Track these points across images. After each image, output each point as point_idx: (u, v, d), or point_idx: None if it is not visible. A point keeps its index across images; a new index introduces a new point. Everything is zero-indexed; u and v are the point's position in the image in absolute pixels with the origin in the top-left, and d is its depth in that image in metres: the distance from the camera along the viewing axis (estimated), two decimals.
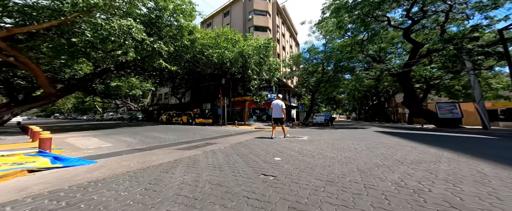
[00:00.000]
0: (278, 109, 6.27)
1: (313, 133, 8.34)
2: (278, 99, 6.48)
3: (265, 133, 8.83)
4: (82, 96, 36.67)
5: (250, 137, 6.69)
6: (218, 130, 10.24)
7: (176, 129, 10.56)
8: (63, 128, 11.42)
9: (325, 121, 13.88)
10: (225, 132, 9.01)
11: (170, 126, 12.40)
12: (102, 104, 46.31)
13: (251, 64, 14.30)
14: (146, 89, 28.91)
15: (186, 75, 19.93)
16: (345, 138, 6.37)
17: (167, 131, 9.12)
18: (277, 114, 6.30)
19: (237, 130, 10.37)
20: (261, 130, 10.58)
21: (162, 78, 18.94)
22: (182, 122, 15.05)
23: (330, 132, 9.06)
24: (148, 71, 15.92)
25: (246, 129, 11.65)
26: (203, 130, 10.02)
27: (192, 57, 17.35)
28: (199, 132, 9.04)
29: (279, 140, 5.81)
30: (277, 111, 6.27)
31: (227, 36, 15.61)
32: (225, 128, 12.00)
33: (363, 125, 16.06)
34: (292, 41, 34.61)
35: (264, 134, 8.21)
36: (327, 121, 13.35)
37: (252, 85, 15.45)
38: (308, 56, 18.49)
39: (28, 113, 59.98)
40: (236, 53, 14.24)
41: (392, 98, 24.72)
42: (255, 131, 9.70)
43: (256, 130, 10.98)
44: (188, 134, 8.15)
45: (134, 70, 14.78)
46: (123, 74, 16.65)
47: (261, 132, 9.43)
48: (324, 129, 10.87)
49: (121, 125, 15.16)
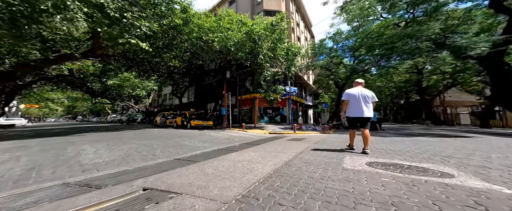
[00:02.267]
0: (360, 102, 3.52)
1: (392, 144, 4.71)
2: (358, 86, 3.74)
3: (299, 143, 5.34)
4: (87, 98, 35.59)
5: (280, 161, 3.25)
6: (215, 138, 6.94)
7: (153, 135, 7.42)
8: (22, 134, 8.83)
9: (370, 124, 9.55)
10: (224, 141, 5.69)
11: (153, 131, 9.32)
12: (111, 107, 45.73)
13: (262, 48, 10.92)
14: (149, 89, 26.84)
15: (185, 69, 17.03)
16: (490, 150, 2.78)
17: (129, 141, 5.95)
18: (362, 112, 3.49)
19: (245, 137, 7.02)
20: (281, 137, 7.10)
21: (159, 73, 16.20)
22: (176, 124, 12.02)
23: (417, 142, 5.38)
24: (135, 61, 13.12)
25: (257, 134, 8.27)
26: (193, 138, 6.77)
27: (191, 45, 14.44)
28: (182, 142, 5.78)
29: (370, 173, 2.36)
30: (360, 105, 3.51)
31: (231, 19, 12.43)
32: (228, 133, 8.70)
33: (423, 129, 11.83)
34: (307, 32, 30.83)
35: (300, 146, 4.75)
36: (374, 124, 9.39)
37: (264, 77, 11.96)
38: (330, 44, 14.79)
39: (52, 115, 61.78)
40: (243, 35, 10.96)
41: (438, 96, 19.91)
42: (271, 138, 6.29)
43: (272, 135, 7.55)
44: (157, 146, 4.93)
45: (115, 59, 12.07)
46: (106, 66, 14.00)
47: (284, 141, 5.97)
48: (384, 135, 7.17)
49: (100, 128, 12.45)
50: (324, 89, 22.25)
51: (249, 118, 18.14)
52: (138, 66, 14.70)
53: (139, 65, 14.49)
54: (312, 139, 6.26)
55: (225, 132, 9.26)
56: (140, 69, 15.49)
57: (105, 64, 13.73)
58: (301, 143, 5.11)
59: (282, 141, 5.76)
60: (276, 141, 5.80)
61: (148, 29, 7.72)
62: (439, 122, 17.79)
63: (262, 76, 13.33)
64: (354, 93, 3.56)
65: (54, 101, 37.49)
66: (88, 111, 60.61)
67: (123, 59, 12.38)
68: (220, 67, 15.39)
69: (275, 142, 5.41)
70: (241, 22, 11.93)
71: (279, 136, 7.54)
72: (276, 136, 7.56)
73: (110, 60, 12.40)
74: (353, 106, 3.54)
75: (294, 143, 5.24)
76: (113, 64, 13.57)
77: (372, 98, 3.60)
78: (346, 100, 3.65)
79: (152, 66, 14.45)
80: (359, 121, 3.57)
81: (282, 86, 10.73)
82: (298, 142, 5.43)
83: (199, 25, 11.73)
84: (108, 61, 12.68)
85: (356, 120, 3.60)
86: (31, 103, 36.16)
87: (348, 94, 3.64)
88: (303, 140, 5.94)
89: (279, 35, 11.71)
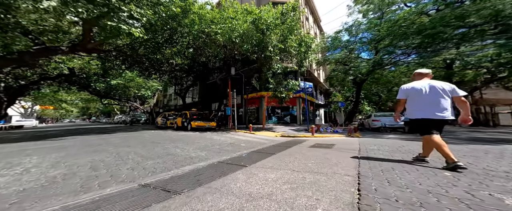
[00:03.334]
0: (431, 98, 2.42)
1: (493, 159, 3.27)
2: (424, 79, 2.67)
3: (333, 153, 4.00)
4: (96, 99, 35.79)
5: None
6: (217, 142, 5.71)
7: (142, 140, 6.31)
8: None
9: (401, 126, 7.95)
10: (228, 148, 4.43)
11: (147, 134, 8.24)
12: (120, 107, 46.20)
13: (271, 39, 9.60)
14: (153, 89, 26.34)
15: (187, 66, 16.02)
16: None
17: (105, 148, 4.86)
18: (434, 112, 2.38)
19: (254, 141, 5.72)
20: (298, 142, 5.76)
21: (161, 71, 15.27)
22: (176, 126, 10.92)
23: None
24: (133, 58, 12.19)
25: (267, 137, 6.95)
26: (190, 143, 5.58)
27: (192, 39, 13.39)
28: (173, 149, 4.59)
29: None
30: (432, 102, 2.41)
31: (236, 10, 11.22)
32: (233, 136, 7.45)
33: (470, 131, 9.91)
34: (316, 28, 29.18)
35: (341, 158, 3.40)
36: (406, 125, 7.62)
37: (274, 72, 10.56)
38: (346, 37, 13.17)
39: (68, 116, 63.57)
40: (249, 25, 9.71)
41: (471, 93, 17.54)
42: (287, 144, 4.95)
43: (285, 139, 6.20)
44: (133, 157, 3.75)
45: (112, 56, 11.18)
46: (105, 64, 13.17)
47: (306, 148, 4.62)
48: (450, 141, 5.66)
49: (95, 130, 11.60)
50: (338, 87, 20.49)
51: (255, 118, 16.85)
52: (137, 64, 13.82)
53: (139, 63, 13.61)
54: (343, 144, 4.86)
55: (229, 135, 8.03)
56: (141, 67, 14.64)
57: (104, 62, 12.92)
58: (336, 152, 3.75)
59: (303, 148, 4.41)
60: (294, 147, 4.46)
61: (140, 15, 6.63)
62: (475, 123, 15.60)
63: (270, 72, 12.00)
64: (418, 88, 2.53)
65: (67, 103, 38.30)
66: (99, 112, 61.96)
67: (120, 54, 11.47)
68: (224, 63, 14.24)
69: (296, 150, 4.08)
70: (246, 11, 10.66)
71: (296, 140, 6.18)
72: (291, 140, 6.20)
73: (107, 56, 11.53)
74: (419, 103, 2.50)
75: (324, 151, 3.88)
76: (111, 61, 12.73)
77: (452, 92, 2.35)
78: (402, 99, 2.71)
79: (152, 63, 13.51)
80: (431, 124, 2.38)
81: (295, 81, 9.28)
82: (328, 150, 4.07)
83: (200, 15, 10.59)
84: (104, 57, 11.83)
85: (427, 123, 2.40)
86: (45, 105, 37.39)
87: (407, 90, 2.63)
88: (333, 146, 4.56)
89: (290, 25, 10.34)
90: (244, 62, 14.05)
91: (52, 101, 34.21)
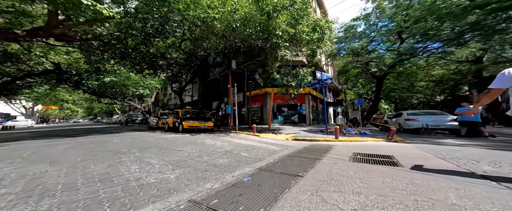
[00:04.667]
0: None
1: None
2: None
3: (417, 176, 2.22)
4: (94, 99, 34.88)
5: None
6: (208, 151, 4.11)
7: (108, 147, 4.79)
8: None
9: (450, 127, 6.07)
10: (221, 161, 2.82)
11: (119, 138, 6.73)
12: (120, 107, 45.43)
13: (277, 23, 7.95)
14: (152, 87, 25.11)
15: (184, 61, 14.52)
16: None
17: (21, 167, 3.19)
18: None
19: (259, 148, 4.08)
20: (324, 150, 4.10)
21: (154, 66, 13.76)
22: (167, 126, 9.35)
23: None
24: (117, 48, 10.71)
25: (276, 141, 5.29)
26: (168, 151, 4.01)
27: (188, 29, 11.90)
28: (130, 165, 2.98)
29: None
30: None
31: None
32: (233, 140, 5.82)
33: None
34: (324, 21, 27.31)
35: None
36: (475, 126, 5.40)
37: (282, 57, 8.85)
38: (363, 26, 11.33)
39: (75, 116, 63.09)
40: (251, 5, 8.11)
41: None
42: (308, 153, 3.31)
43: (301, 144, 4.52)
44: (53, 179, 2.04)
45: (88, 45, 9.69)
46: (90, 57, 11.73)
47: (349, 162, 2.92)
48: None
49: (78, 131, 10.18)
50: (352, 83, 18.54)
51: (259, 118, 15.22)
52: (128, 57, 12.37)
53: (129, 56, 12.16)
54: (406, 157, 3.18)
55: (228, 137, 6.42)
56: (132, 62, 13.19)
57: (88, 55, 11.49)
58: (428, 178, 2.10)
59: (342, 161, 2.76)
60: (327, 161, 2.81)
61: None
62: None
63: (276, 65, 10.35)
64: None
65: (68, 103, 37.85)
66: (102, 112, 61.12)
67: (105, 46, 10.01)
68: (224, 56, 12.67)
69: (336, 169, 2.43)
70: None
71: (317, 145, 4.52)
72: (310, 145, 4.55)
73: (89, 47, 10.09)
74: None
75: (396, 174, 2.23)
76: (97, 54, 11.30)
77: None
78: (496, 90, 1.91)
79: (143, 56, 12.04)
80: None
81: (305, 69, 7.43)
82: (399, 171, 2.42)
83: None
84: (86, 49, 10.39)
85: None
86: (46, 104, 37.01)
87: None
88: (396, 161, 2.89)
89: (300, 7, 8.67)
90: (246, 54, 12.44)
91: (53, 101, 33.78)
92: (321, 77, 6.72)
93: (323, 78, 6.79)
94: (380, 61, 9.57)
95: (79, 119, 68.53)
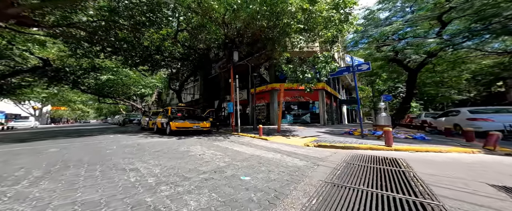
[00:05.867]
0: None
1: None
2: None
3: None
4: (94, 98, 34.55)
5: None
6: (182, 172, 2.40)
7: (53, 157, 3.20)
8: None
9: None
10: (193, 207, 1.21)
11: (80, 144, 5.27)
12: (126, 107, 45.23)
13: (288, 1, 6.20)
14: (152, 86, 24.18)
15: (181, 54, 13.12)
16: None
17: None
18: None
19: (269, 164, 2.46)
20: (393, 173, 2.34)
21: (149, 60, 12.41)
22: (156, 127, 7.83)
23: None
24: (107, 42, 9.41)
25: (291, 147, 3.62)
26: (108, 174, 2.34)
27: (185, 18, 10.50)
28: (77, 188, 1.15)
29: None
30: None
31: None
32: (233, 147, 4.21)
33: None
34: None
35: None
36: None
37: (288, 58, 7.13)
38: (388, 11, 9.41)
39: (87, 117, 63.82)
40: None
41: None
42: (360, 173, 1.66)
43: (328, 151, 2.85)
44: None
45: (68, 36, 8.37)
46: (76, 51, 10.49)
47: None
48: None
49: (71, 133, 8.93)
50: (366, 79, 16.47)
51: (265, 117, 13.57)
52: (119, 51, 11.07)
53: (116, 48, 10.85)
54: None
55: (227, 142, 4.84)
56: (125, 56, 11.90)
57: (73, 48, 10.24)
58: None
59: None
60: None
61: None
62: None
63: (286, 55, 8.67)
64: None
65: (76, 103, 38.22)
66: (109, 112, 60.94)
67: (84, 35, 8.69)
68: (225, 47, 11.13)
69: None
70: None
71: (362, 157, 2.84)
72: (350, 156, 2.87)
73: (70, 37, 8.82)
74: None
75: None
76: (82, 46, 10.04)
77: None
78: None
79: (134, 48, 10.69)
80: None
81: (325, 53, 5.59)
82: None
83: None
84: (68, 40, 9.12)
85: None
86: (56, 105, 36.65)
87: None
88: None
89: None
90: (250, 45, 10.84)
91: (62, 102, 33.97)
92: (351, 62, 4.91)
93: (355, 63, 4.95)
94: (418, 48, 7.58)
95: (90, 120, 68.62)
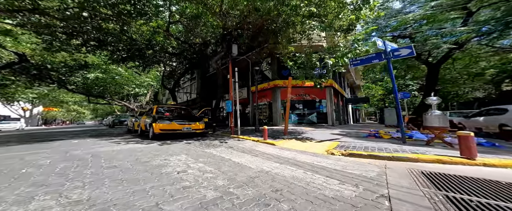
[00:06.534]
0: None
1: None
2: None
3: None
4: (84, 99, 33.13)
5: None
6: None
7: None
8: None
9: None
10: None
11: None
12: (121, 108, 43.83)
13: None
14: (146, 85, 22.93)
15: (174, 49, 11.92)
16: None
17: None
18: None
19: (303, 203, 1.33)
20: None
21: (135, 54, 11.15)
22: (140, 130, 6.58)
23: None
24: (89, 34, 8.19)
25: (316, 157, 2.49)
26: None
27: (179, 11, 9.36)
28: None
29: None
30: None
31: None
32: (229, 157, 3.03)
33: None
34: None
35: None
36: None
37: (302, 35, 5.98)
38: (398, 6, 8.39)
39: (83, 118, 61.75)
40: None
41: None
42: None
43: (371, 165, 1.72)
44: None
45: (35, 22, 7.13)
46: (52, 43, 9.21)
47: None
48: None
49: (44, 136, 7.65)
50: (370, 77, 15.43)
51: (267, 117, 12.43)
52: (105, 45, 9.84)
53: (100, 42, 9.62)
54: None
55: (222, 149, 3.69)
56: (112, 51, 10.66)
57: (50, 41, 8.96)
58: None
59: None
60: None
61: None
62: None
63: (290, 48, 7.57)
64: None
65: (68, 104, 36.97)
66: (104, 113, 58.95)
67: (48, 19, 7.41)
68: (223, 39, 9.99)
69: None
70: None
71: (445, 178, 1.71)
72: (423, 178, 1.74)
73: (36, 24, 7.54)
74: None
75: None
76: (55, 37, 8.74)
77: None
78: None
79: (119, 38, 9.46)
80: None
81: (355, 38, 4.46)
82: None
83: None
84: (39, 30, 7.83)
85: None
86: (47, 106, 35.25)
87: None
88: None
89: None
90: (250, 39, 9.71)
91: (54, 103, 32.88)
92: (384, 46, 3.72)
93: (389, 49, 3.72)
94: (448, 37, 6.49)
95: (86, 121, 66.31)
